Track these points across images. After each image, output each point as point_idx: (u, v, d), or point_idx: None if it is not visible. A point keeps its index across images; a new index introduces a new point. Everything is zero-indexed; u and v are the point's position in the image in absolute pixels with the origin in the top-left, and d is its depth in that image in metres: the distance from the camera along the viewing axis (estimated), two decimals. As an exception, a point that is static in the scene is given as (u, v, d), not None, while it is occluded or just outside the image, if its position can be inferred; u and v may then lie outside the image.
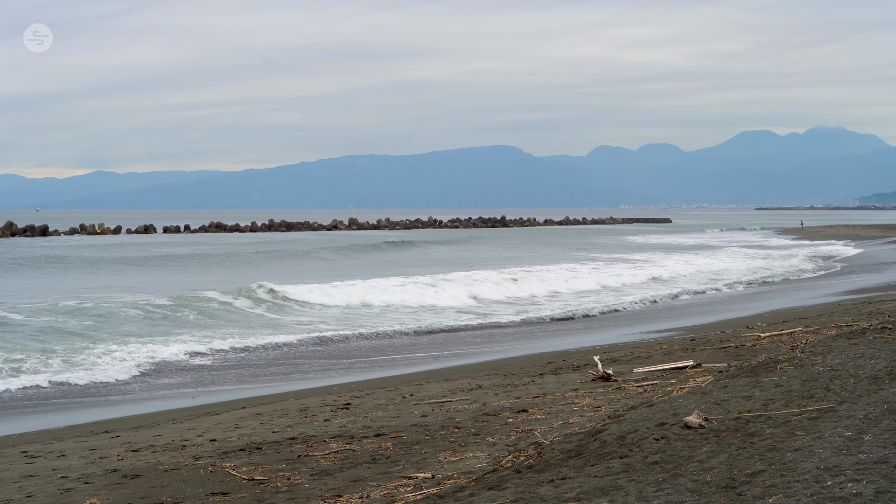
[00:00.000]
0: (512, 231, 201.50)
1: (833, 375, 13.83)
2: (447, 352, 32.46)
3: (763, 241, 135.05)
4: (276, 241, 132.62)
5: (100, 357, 30.87)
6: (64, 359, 30.52)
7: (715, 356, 22.93)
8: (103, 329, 37.30)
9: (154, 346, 32.84)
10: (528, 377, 22.34)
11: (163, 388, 26.79)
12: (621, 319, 41.99)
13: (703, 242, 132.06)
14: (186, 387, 26.78)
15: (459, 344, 34.77)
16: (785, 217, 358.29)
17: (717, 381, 14.97)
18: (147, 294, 48.39)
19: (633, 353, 25.67)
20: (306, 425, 17.39)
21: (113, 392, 26.26)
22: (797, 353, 16.63)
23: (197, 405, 23.18)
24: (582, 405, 16.86)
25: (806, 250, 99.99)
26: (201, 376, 28.52)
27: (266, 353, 32.96)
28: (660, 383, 18.78)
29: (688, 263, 79.49)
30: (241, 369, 29.68)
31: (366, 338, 36.50)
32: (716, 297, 51.35)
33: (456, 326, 40.08)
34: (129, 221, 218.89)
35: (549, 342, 33.64)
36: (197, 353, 32.38)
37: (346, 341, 35.75)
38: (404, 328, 39.09)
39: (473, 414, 17.04)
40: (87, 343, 33.68)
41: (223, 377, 28.28)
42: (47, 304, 43.44)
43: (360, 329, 38.22)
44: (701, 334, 30.39)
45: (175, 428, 18.65)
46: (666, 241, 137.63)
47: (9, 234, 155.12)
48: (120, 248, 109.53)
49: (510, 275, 60.79)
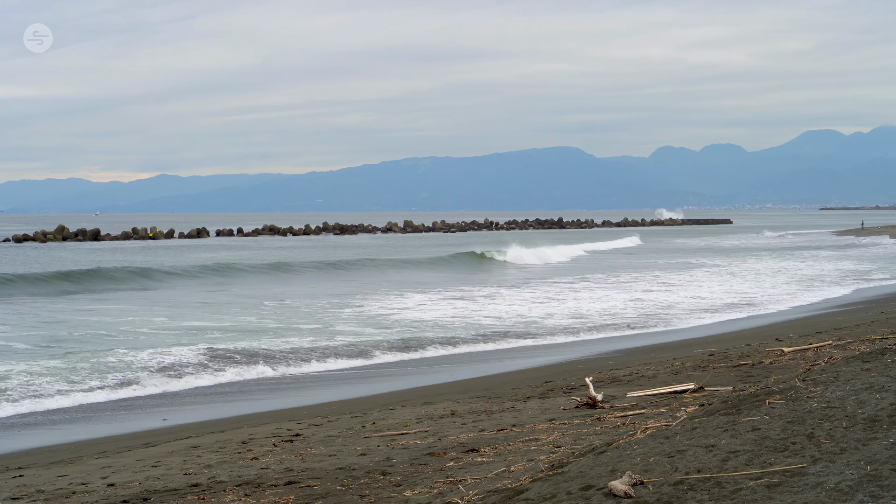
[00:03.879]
0: (564, 233, 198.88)
1: (825, 416, 11.30)
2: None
3: (815, 241, 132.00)
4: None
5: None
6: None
7: (724, 377, 20.43)
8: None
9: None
10: (512, 401, 19.96)
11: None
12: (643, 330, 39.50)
13: (745, 244, 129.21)
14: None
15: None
16: (849, 217, 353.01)
17: (691, 419, 12.48)
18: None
19: (640, 370, 23.19)
20: (228, 465, 15.12)
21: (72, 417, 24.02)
22: (796, 383, 14.08)
23: (150, 430, 20.98)
24: (545, 442, 14.45)
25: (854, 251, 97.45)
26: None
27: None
28: (647, 413, 16.34)
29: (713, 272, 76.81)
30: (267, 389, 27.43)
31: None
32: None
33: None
34: (185, 225, 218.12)
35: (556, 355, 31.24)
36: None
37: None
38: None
39: (418, 453, 14.68)
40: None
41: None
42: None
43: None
44: (725, 347, 27.92)
45: (88, 466, 16.43)
46: (715, 244, 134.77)
47: (60, 238, 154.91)
48: (164, 253, 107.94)
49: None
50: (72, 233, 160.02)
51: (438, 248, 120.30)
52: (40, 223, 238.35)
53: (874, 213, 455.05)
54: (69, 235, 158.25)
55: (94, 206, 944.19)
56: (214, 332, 38.50)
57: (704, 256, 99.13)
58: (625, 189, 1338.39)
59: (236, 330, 39.01)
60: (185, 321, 42.48)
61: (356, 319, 43.39)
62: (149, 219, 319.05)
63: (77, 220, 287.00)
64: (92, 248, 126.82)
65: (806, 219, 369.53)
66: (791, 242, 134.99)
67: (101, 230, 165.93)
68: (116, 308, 48.99)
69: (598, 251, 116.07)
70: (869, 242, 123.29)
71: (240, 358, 30.95)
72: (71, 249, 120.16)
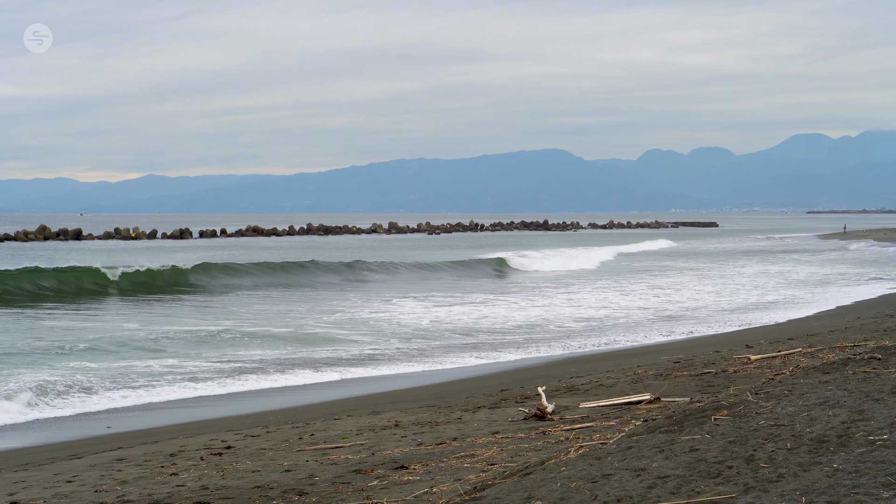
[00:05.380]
0: (548, 236, 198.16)
1: (770, 435, 10.38)
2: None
3: (798, 245, 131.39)
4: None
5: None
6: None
7: (685, 386, 19.55)
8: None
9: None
10: (461, 411, 19.03)
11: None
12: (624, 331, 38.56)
13: (727, 248, 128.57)
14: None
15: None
16: (834, 221, 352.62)
17: (629, 437, 11.56)
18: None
19: (600, 379, 22.28)
20: (144, 482, 14.13)
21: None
22: (747, 397, 13.17)
23: (86, 439, 20.01)
24: (480, 458, 13.51)
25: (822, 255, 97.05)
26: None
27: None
28: (595, 426, 15.41)
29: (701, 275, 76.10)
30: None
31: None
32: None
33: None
34: (169, 226, 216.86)
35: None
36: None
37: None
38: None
39: (345, 469, 13.74)
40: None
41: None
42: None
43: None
44: (693, 353, 26.98)
45: (1, 480, 15.46)
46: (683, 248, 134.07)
47: (42, 238, 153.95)
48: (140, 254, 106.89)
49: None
50: (53, 232, 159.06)
51: (431, 251, 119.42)
52: (25, 223, 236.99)
53: (861, 217, 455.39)
54: (51, 235, 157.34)
55: (81, 206, 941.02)
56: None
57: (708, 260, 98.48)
58: (613, 192, 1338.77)
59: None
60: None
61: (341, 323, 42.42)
62: (134, 219, 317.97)
63: (62, 220, 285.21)
64: (70, 247, 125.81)
65: (792, 222, 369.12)
66: (776, 246, 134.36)
67: (83, 230, 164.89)
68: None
69: (630, 253, 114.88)
70: (848, 246, 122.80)
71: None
72: (46, 249, 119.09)
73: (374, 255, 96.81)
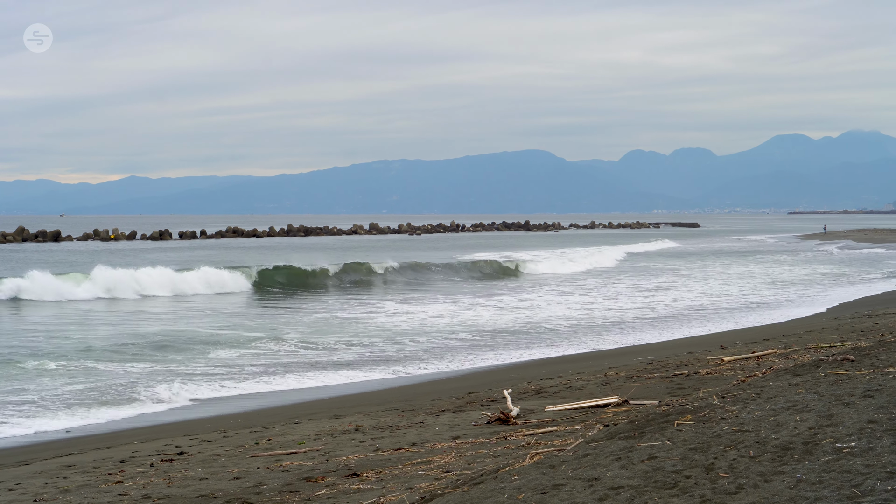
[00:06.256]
0: (530, 236, 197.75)
1: (733, 442, 9.85)
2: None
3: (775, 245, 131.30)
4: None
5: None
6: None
7: (654, 388, 19.03)
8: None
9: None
10: (424, 415, 18.50)
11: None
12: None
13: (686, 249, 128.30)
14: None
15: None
16: (815, 221, 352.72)
17: (587, 443, 11.02)
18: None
19: (570, 381, 21.75)
20: (86, 491, 13.57)
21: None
22: (713, 400, 12.64)
23: (39, 444, 19.42)
24: (436, 465, 12.98)
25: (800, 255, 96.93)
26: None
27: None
28: (558, 430, 14.88)
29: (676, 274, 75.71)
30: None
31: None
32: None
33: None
34: (149, 227, 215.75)
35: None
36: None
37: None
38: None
39: (296, 477, 13.19)
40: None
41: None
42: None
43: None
44: (666, 355, 26.48)
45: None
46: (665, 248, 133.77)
47: (20, 239, 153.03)
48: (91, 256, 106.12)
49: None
50: (32, 234, 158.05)
51: (408, 252, 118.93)
52: (4, 225, 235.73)
53: (842, 218, 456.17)
54: (29, 237, 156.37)
55: (62, 208, 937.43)
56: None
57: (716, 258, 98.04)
58: (595, 192, 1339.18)
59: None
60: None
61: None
62: (115, 221, 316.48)
63: (42, 221, 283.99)
64: (48, 249, 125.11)
65: (774, 223, 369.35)
66: (756, 246, 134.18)
67: (61, 232, 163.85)
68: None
69: (635, 253, 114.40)
70: (827, 246, 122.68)
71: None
72: (25, 250, 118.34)
73: (353, 256, 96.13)
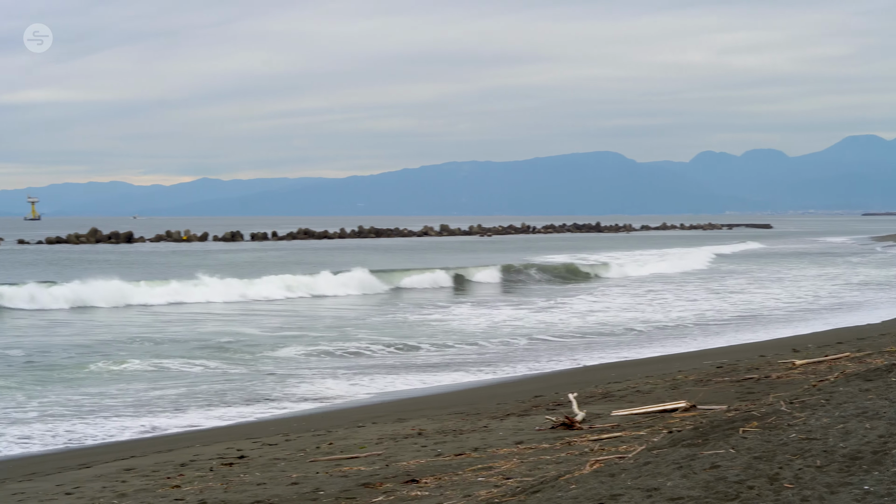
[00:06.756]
0: (602, 238, 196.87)
1: (800, 450, 9.55)
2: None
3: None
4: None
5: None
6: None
7: (724, 393, 18.65)
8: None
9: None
10: (489, 419, 18.24)
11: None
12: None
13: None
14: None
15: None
16: (890, 223, 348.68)
17: (649, 451, 10.76)
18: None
19: (638, 384, 21.40)
20: (143, 495, 13.37)
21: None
22: (781, 406, 12.32)
23: (106, 445, 19.40)
24: (497, 472, 12.73)
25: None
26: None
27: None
28: (624, 436, 14.59)
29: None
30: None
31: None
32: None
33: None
34: (220, 228, 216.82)
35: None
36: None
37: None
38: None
39: (354, 483, 12.98)
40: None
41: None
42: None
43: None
44: (737, 358, 26.07)
45: (4, 491, 14.84)
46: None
47: (94, 241, 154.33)
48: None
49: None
50: (105, 235, 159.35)
51: (479, 254, 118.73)
52: (78, 226, 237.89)
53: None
54: (102, 238, 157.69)
55: (135, 210, 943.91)
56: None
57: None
58: (665, 194, 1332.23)
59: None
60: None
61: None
62: (187, 222, 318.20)
63: (115, 223, 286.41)
64: (122, 250, 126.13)
65: (848, 224, 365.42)
66: (835, 248, 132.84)
67: (133, 233, 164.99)
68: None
69: (724, 254, 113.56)
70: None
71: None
72: (98, 252, 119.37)
73: (423, 258, 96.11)
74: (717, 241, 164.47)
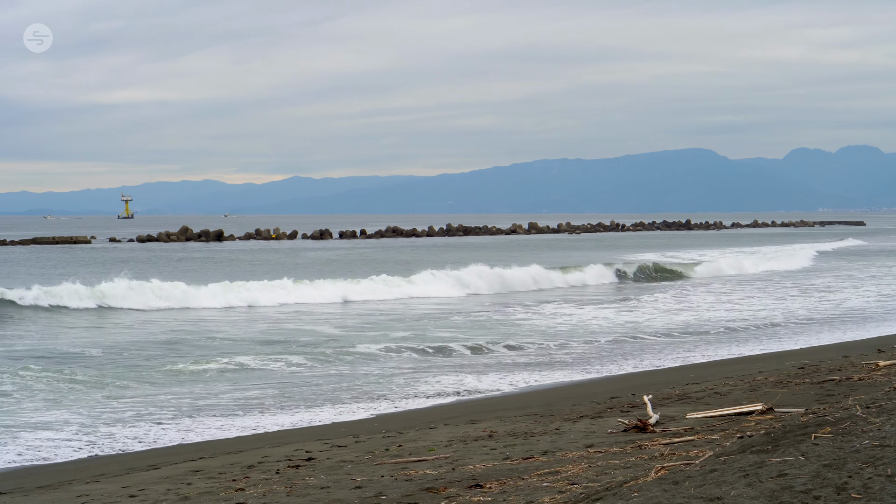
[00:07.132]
0: (691, 236, 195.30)
1: (871, 458, 9.15)
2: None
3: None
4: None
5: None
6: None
7: (803, 395, 18.20)
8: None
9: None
10: (561, 421, 17.92)
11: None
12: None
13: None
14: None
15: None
16: None
17: (716, 457, 10.39)
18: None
19: (716, 386, 20.98)
20: (205, 498, 13.26)
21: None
22: (856, 411, 11.89)
23: (179, 446, 19.33)
24: (563, 476, 12.41)
25: None
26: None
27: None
28: (696, 440, 14.21)
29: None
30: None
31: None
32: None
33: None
34: (310, 226, 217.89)
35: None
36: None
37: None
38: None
39: (417, 487, 12.73)
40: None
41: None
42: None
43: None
44: (820, 359, 25.53)
45: (70, 493, 14.78)
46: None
47: (184, 239, 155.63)
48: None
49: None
50: (195, 234, 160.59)
51: (564, 252, 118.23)
52: (170, 224, 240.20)
53: None
54: (192, 236, 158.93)
55: (227, 208, 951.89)
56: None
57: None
58: (758, 191, 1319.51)
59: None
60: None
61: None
62: (277, 220, 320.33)
63: (206, 221, 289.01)
64: (212, 248, 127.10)
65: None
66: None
67: (224, 231, 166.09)
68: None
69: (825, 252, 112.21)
70: None
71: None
72: (187, 250, 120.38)
73: (508, 255, 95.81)
74: (814, 238, 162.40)
